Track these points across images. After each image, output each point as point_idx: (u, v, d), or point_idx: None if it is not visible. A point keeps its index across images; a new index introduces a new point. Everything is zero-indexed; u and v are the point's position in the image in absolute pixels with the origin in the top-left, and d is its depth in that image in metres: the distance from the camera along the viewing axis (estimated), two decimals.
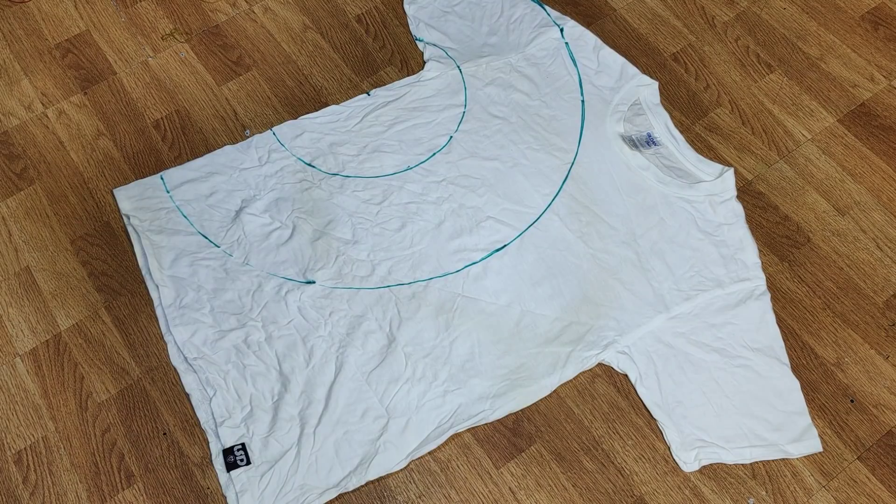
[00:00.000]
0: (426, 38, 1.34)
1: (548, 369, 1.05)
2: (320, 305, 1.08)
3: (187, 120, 1.28)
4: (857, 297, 1.13)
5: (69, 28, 1.37)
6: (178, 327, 1.06)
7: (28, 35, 1.36)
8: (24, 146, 1.25)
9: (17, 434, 1.02)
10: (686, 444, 1.01)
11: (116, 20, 1.39)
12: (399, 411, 1.01)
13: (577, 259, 1.13)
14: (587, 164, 1.21)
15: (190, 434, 1.02)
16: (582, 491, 0.99)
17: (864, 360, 1.08)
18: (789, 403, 1.03)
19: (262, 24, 1.38)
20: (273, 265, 1.12)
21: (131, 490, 0.99)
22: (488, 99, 1.27)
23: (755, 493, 0.99)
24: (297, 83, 1.31)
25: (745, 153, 1.25)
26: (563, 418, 1.04)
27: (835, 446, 1.02)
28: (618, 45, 1.35)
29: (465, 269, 1.12)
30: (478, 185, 1.19)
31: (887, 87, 1.32)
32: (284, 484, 0.97)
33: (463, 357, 1.05)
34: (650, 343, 1.07)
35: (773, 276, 1.14)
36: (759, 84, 1.32)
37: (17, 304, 1.12)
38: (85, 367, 1.07)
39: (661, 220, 1.16)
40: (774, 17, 1.40)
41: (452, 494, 0.99)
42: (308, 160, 1.21)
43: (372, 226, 1.15)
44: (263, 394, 1.02)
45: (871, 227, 1.19)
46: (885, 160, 1.25)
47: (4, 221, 1.19)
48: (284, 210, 1.16)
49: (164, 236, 1.13)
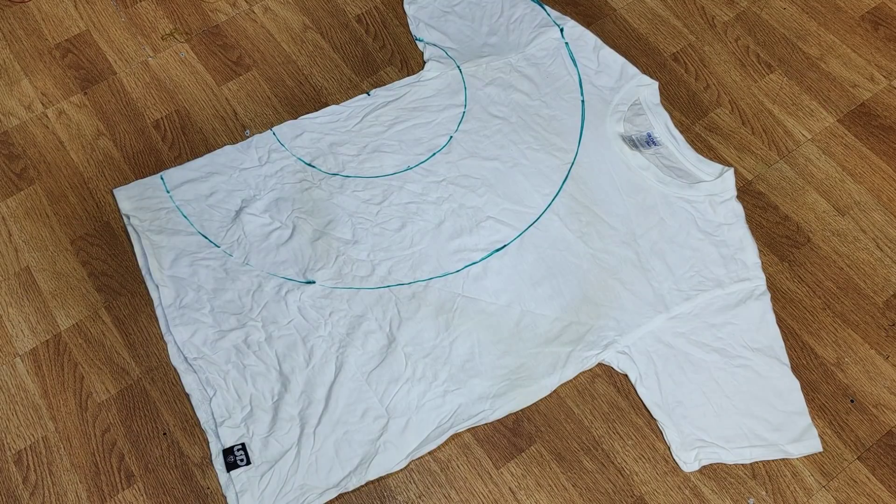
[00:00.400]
0: (426, 38, 1.34)
1: (548, 369, 1.05)
2: (320, 305, 1.08)
3: (187, 120, 1.28)
4: (857, 297, 1.13)
5: (69, 28, 1.37)
6: (178, 327, 1.06)
7: (28, 35, 1.36)
8: (24, 146, 1.25)
9: (17, 434, 1.02)
10: (686, 444, 1.01)
11: (116, 20, 1.39)
12: (399, 411, 1.01)
13: (577, 259, 1.13)
14: (587, 164, 1.21)
15: (190, 434, 1.02)
16: (582, 491, 0.99)
17: (864, 360, 1.08)
18: (789, 403, 1.03)
19: (262, 24, 1.38)
20: (273, 265, 1.12)
21: (131, 490, 0.99)
22: (488, 99, 1.27)
23: (755, 493, 0.99)
24: (297, 83, 1.31)
25: (745, 153, 1.25)
26: (563, 418, 1.04)
27: (835, 446, 1.02)
28: (618, 45, 1.35)
29: (465, 269, 1.12)
30: (478, 185, 1.19)
31: (887, 87, 1.32)
32: (284, 484, 0.97)
33: (463, 357, 1.05)
34: (650, 343, 1.07)
35: (773, 276, 1.14)
36: (759, 84, 1.32)
37: (17, 304, 1.12)
38: (85, 367, 1.07)
39: (661, 220, 1.16)
40: (774, 17, 1.40)
41: (452, 494, 0.99)
42: (308, 160, 1.21)
43: (372, 226, 1.15)
44: (263, 394, 1.02)
45: (871, 227, 1.19)
46: (885, 160, 1.25)
47: (4, 221, 1.19)
48: (284, 210, 1.16)
49: (164, 236, 1.13)
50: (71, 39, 1.36)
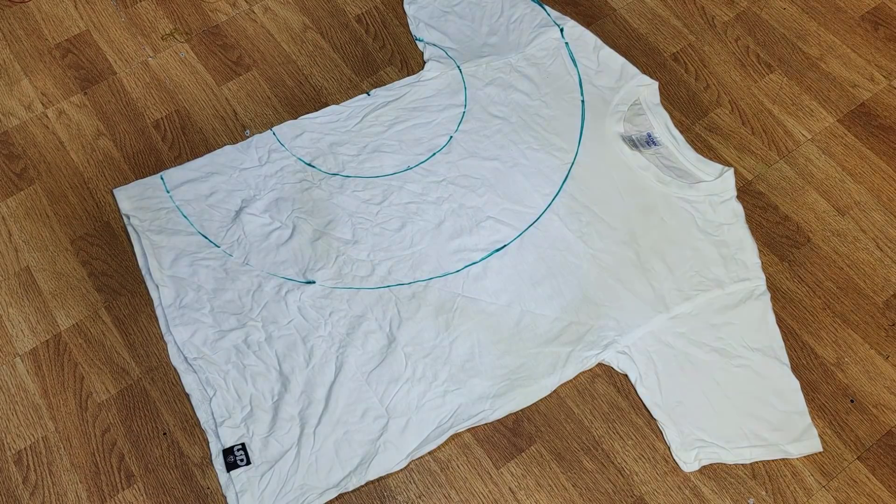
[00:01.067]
0: (426, 38, 1.34)
1: (548, 369, 1.05)
2: (320, 305, 1.08)
3: (187, 120, 1.28)
4: (857, 297, 1.13)
5: (69, 28, 1.37)
6: (178, 327, 1.06)
7: (28, 35, 1.36)
8: (24, 146, 1.25)
9: (17, 434, 1.02)
10: (686, 444, 1.01)
11: (116, 20, 1.39)
12: (399, 411, 1.01)
13: (577, 259, 1.13)
14: (587, 164, 1.21)
15: (190, 434, 1.02)
16: (582, 491, 0.99)
17: (864, 360, 1.08)
18: (789, 403, 1.03)
19: (262, 24, 1.38)
20: (273, 265, 1.12)
21: (131, 490, 0.99)
22: (488, 99, 1.27)
23: (755, 493, 0.99)
24: (297, 83, 1.31)
25: (745, 153, 1.25)
26: (563, 418, 1.04)
27: (835, 446, 1.02)
28: (618, 45, 1.35)
29: (465, 269, 1.12)
30: (478, 185, 1.19)
31: (887, 87, 1.32)
32: (284, 484, 0.97)
33: (463, 357, 1.05)
34: (650, 343, 1.07)
35: (773, 276, 1.14)
36: (759, 84, 1.32)
37: (17, 304, 1.12)
38: (85, 367, 1.07)
39: (661, 220, 1.16)
40: (774, 17, 1.40)
41: (452, 494, 0.99)
42: (308, 160, 1.21)
43: (372, 226, 1.15)
44: (263, 394, 1.02)
45: (871, 227, 1.19)
46: (885, 160, 1.25)
47: (4, 221, 1.19)
48: (284, 210, 1.16)
49: (164, 236, 1.13)
50: (71, 39, 1.36)
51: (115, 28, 1.37)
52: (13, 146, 1.25)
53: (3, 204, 1.20)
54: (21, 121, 1.27)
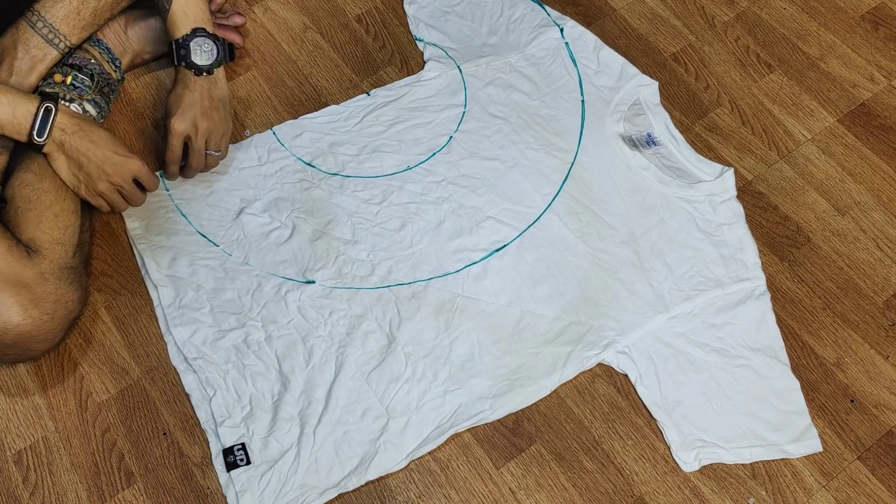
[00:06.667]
0: (426, 38, 1.34)
1: (548, 369, 1.05)
2: (320, 305, 1.08)
3: None
4: (857, 297, 1.13)
5: None
6: (178, 327, 1.06)
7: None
8: None
9: (17, 434, 1.02)
10: (686, 444, 1.01)
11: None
12: (399, 411, 1.01)
13: (577, 259, 1.13)
14: (587, 164, 1.21)
15: (190, 434, 1.02)
16: (582, 491, 0.99)
17: (864, 360, 1.08)
18: (789, 403, 1.03)
19: (262, 24, 1.38)
20: (273, 265, 1.12)
21: (131, 490, 0.99)
22: (488, 99, 1.27)
23: (755, 493, 0.99)
24: (297, 83, 1.31)
25: (745, 153, 1.25)
26: (563, 418, 1.04)
27: (835, 446, 1.02)
28: (618, 45, 1.35)
29: (465, 269, 1.12)
30: (478, 185, 1.19)
31: (887, 87, 1.32)
32: (284, 484, 0.96)
33: (463, 357, 1.05)
34: (650, 343, 1.07)
35: (773, 276, 1.14)
36: (759, 84, 1.32)
37: None
38: (85, 367, 1.06)
39: (661, 220, 1.16)
40: (774, 17, 1.40)
41: (452, 494, 0.99)
42: (308, 160, 1.21)
43: (372, 226, 1.15)
44: (263, 394, 1.02)
45: (871, 227, 1.19)
46: (885, 160, 1.25)
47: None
48: (284, 210, 1.16)
49: (164, 236, 1.13)
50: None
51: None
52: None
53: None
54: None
